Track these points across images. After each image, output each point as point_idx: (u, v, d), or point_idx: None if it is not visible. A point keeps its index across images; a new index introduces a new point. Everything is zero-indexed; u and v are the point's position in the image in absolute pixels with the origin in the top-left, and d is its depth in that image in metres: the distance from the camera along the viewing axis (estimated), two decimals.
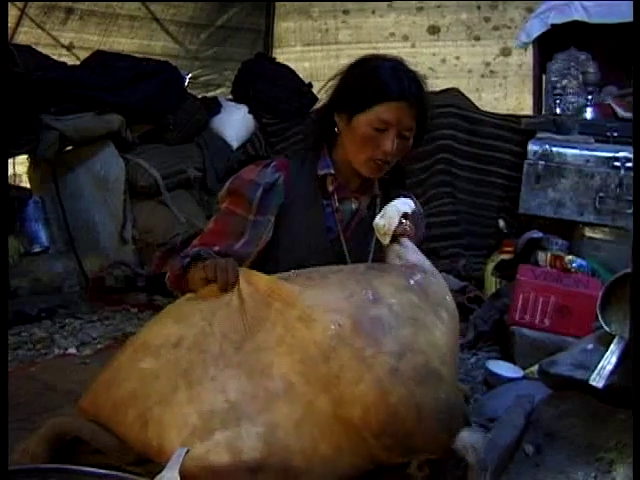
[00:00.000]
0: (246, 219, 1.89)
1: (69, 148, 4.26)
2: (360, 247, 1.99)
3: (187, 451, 1.36)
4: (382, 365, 1.46)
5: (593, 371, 1.70)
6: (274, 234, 1.92)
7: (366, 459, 1.47)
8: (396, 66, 1.89)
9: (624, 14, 3.83)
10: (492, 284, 3.70)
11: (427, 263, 1.82)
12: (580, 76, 4.22)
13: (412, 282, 1.69)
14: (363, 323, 1.52)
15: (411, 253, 1.82)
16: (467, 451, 1.47)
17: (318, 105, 2.08)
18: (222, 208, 1.95)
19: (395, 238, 1.82)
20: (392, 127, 1.83)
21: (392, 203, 1.85)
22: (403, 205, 1.84)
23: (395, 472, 1.53)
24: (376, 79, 1.85)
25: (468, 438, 1.50)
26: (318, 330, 1.51)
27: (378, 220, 1.82)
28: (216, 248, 1.84)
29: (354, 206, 2.00)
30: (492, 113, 4.86)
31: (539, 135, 3.91)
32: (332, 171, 1.94)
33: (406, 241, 1.84)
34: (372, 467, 1.50)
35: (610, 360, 1.71)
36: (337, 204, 1.96)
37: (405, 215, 1.84)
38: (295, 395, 1.45)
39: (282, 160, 2.00)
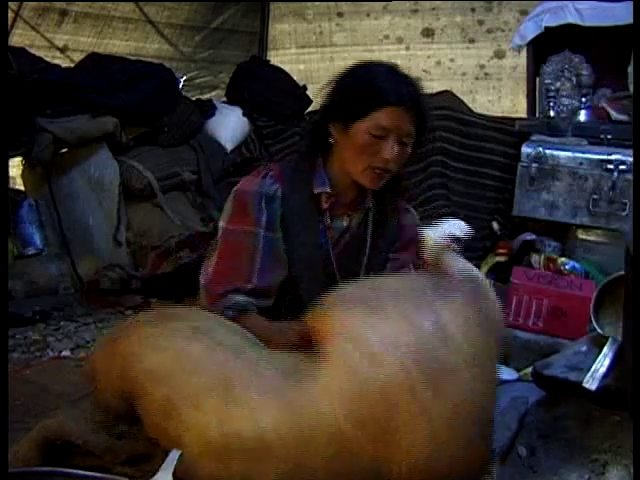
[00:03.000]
0: (257, 234, 1.82)
1: (64, 150, 4.25)
2: (350, 264, 1.94)
3: (181, 454, 1.35)
4: (441, 416, 1.33)
5: (587, 373, 1.71)
6: None
7: None
8: (392, 71, 1.85)
9: (618, 17, 3.85)
10: None
11: (478, 271, 1.70)
12: (574, 78, 4.23)
13: (482, 317, 1.50)
14: (428, 365, 1.35)
15: (461, 261, 1.70)
16: None
17: (311, 114, 2.03)
18: (226, 229, 1.87)
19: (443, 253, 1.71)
20: (391, 133, 1.77)
21: (444, 223, 1.74)
22: (454, 227, 1.73)
23: None
24: (372, 85, 1.79)
25: None
26: (383, 371, 1.33)
27: (427, 233, 1.70)
28: (249, 286, 1.78)
29: (345, 223, 1.95)
30: (486, 115, 4.87)
31: (533, 137, 3.92)
32: (328, 189, 1.88)
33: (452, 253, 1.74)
34: None
35: (603, 362, 1.72)
36: (329, 221, 1.91)
37: (456, 238, 1.73)
38: (339, 440, 1.30)
39: (277, 169, 1.91)
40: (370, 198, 1.97)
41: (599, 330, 1.88)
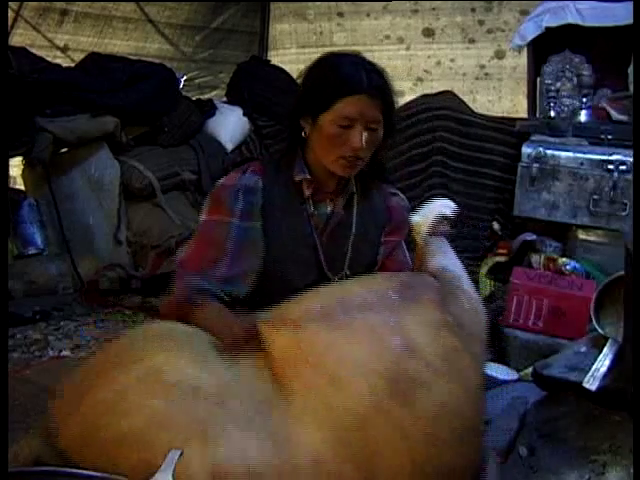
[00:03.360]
0: (230, 223, 1.84)
1: (64, 150, 4.26)
2: (337, 250, 1.95)
3: (181, 454, 1.34)
4: (417, 432, 1.33)
5: (587, 373, 1.71)
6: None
7: None
8: (353, 60, 1.86)
9: (618, 17, 3.85)
10: (486, 286, 3.71)
11: (459, 268, 1.72)
12: (574, 79, 4.22)
13: (450, 318, 1.51)
14: (399, 384, 1.36)
15: (442, 256, 1.75)
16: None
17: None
18: (203, 220, 1.91)
19: (430, 237, 1.78)
20: (357, 122, 1.77)
21: (433, 203, 1.80)
22: (442, 206, 1.80)
23: None
24: (333, 76, 1.81)
25: None
26: (350, 395, 1.34)
27: (415, 216, 1.78)
28: (218, 274, 1.79)
29: (329, 208, 1.95)
30: (486, 116, 4.87)
31: (533, 138, 3.91)
32: (308, 176, 1.89)
33: (439, 241, 1.80)
34: None
35: (604, 362, 1.72)
36: (312, 209, 1.92)
37: (444, 217, 1.80)
38: (322, 468, 1.29)
39: (257, 165, 1.94)
40: (353, 183, 1.98)
41: (599, 330, 1.88)
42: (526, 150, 3.80)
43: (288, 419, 1.33)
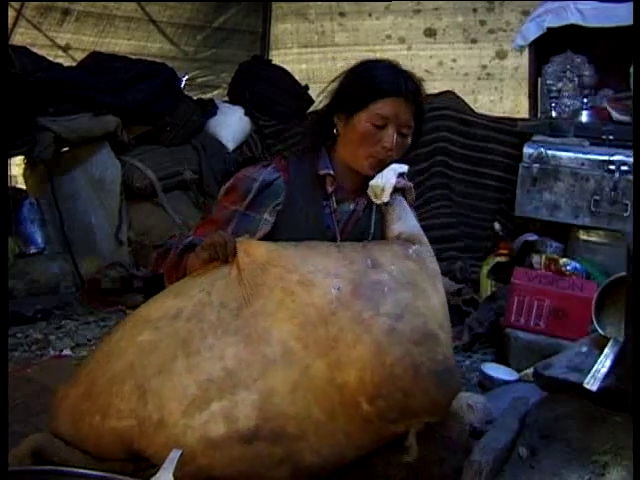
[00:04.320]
0: (236, 211, 1.92)
1: (65, 149, 4.26)
2: None
3: (181, 453, 1.36)
4: (380, 326, 1.47)
5: (588, 374, 1.71)
6: (276, 235, 1.92)
7: (360, 427, 1.45)
8: (392, 65, 1.95)
9: (620, 18, 3.84)
10: (488, 286, 3.71)
11: (422, 233, 1.85)
12: (576, 79, 4.22)
13: (411, 252, 1.70)
14: (362, 287, 1.53)
15: (410, 216, 1.86)
16: (466, 411, 1.48)
17: (316, 108, 2.10)
18: (216, 204, 2.01)
19: (393, 196, 1.85)
20: (391, 123, 1.86)
21: (387, 167, 1.88)
22: (399, 167, 1.88)
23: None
24: (373, 77, 1.90)
25: (467, 398, 1.52)
26: (318, 294, 1.51)
27: (374, 180, 1.86)
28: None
29: (351, 207, 2.01)
30: (488, 116, 4.87)
31: (535, 138, 3.92)
32: (332, 172, 1.97)
33: (403, 201, 1.89)
34: (368, 440, 1.49)
35: (604, 363, 1.72)
36: (335, 205, 1.98)
37: (402, 175, 1.88)
38: (292, 360, 1.45)
39: (281, 161, 2.02)
40: None
41: (600, 331, 1.88)
42: (527, 150, 3.81)
43: (262, 317, 1.51)
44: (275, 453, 1.40)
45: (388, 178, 1.84)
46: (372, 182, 1.86)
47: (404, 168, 1.89)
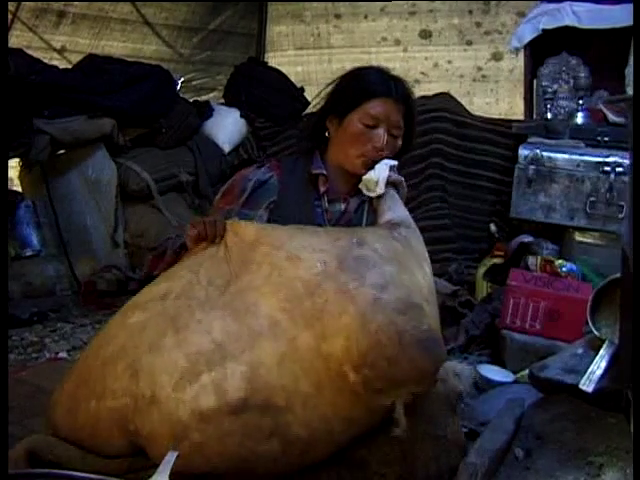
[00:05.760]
0: (232, 210, 1.96)
1: (61, 151, 4.26)
2: None
3: (177, 455, 1.36)
4: (365, 296, 1.49)
5: (583, 375, 1.71)
6: None
7: (347, 398, 1.47)
8: (381, 70, 2.04)
9: (615, 19, 3.85)
10: (483, 288, 3.71)
11: (411, 220, 1.89)
12: (571, 81, 4.23)
13: (396, 234, 1.75)
14: (348, 260, 1.57)
15: (400, 206, 1.91)
16: (452, 377, 1.49)
17: (308, 116, 2.15)
18: (213, 205, 2.07)
19: (386, 189, 1.91)
20: (381, 123, 1.93)
21: (379, 163, 1.93)
22: (390, 161, 1.94)
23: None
24: (363, 80, 1.99)
25: (454, 367, 1.53)
26: (304, 267, 1.55)
27: (367, 174, 1.91)
28: None
29: (342, 207, 2.05)
30: (483, 117, 4.88)
31: (530, 139, 3.92)
32: (324, 172, 2.02)
33: (395, 194, 1.94)
34: (357, 413, 1.50)
35: (600, 364, 1.73)
36: (327, 205, 2.03)
37: (392, 168, 1.94)
38: (279, 332, 1.48)
39: (275, 162, 2.09)
40: None
41: (596, 332, 1.89)
42: (523, 152, 3.81)
43: (249, 291, 1.54)
44: (264, 425, 1.42)
45: (381, 171, 1.90)
46: (365, 176, 1.92)
47: (394, 162, 1.95)
